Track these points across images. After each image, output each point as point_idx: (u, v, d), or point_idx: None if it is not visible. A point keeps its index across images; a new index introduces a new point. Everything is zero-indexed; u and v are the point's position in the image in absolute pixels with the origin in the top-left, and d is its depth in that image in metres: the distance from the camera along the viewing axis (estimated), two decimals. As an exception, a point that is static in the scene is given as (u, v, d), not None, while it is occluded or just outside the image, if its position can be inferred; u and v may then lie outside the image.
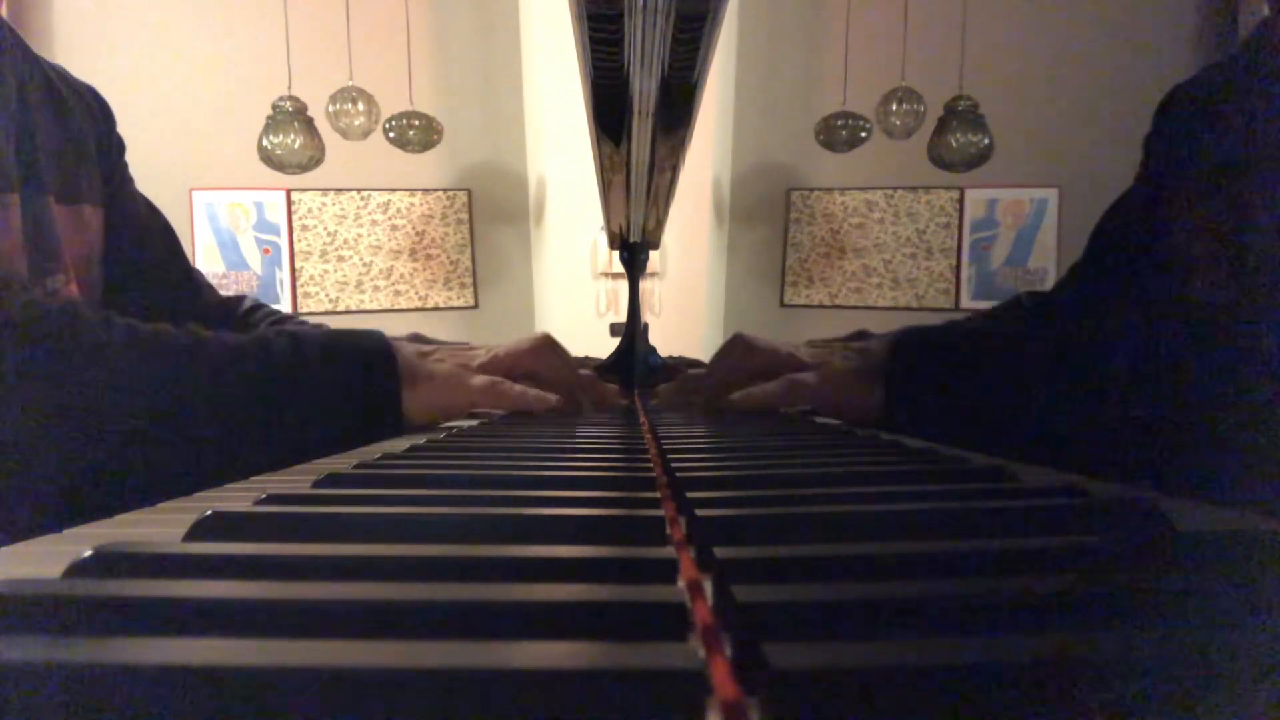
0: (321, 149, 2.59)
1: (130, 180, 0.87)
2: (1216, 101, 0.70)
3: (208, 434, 0.56)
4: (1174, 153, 0.74)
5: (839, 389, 0.66)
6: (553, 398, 0.69)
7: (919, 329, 0.66)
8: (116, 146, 0.85)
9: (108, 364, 0.54)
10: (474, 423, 0.69)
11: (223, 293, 0.97)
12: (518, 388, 0.67)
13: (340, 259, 3.17)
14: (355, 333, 0.65)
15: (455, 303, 3.23)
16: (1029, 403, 0.58)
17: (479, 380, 0.66)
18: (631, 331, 1.13)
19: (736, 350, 0.73)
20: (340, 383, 0.61)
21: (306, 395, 0.59)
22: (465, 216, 3.21)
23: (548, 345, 0.73)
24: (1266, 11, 0.66)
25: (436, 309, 3.21)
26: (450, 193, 3.20)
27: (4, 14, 0.74)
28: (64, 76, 0.80)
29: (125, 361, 0.55)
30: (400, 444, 0.52)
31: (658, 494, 0.30)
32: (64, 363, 0.53)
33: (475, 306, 3.24)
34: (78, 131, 0.77)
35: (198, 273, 0.94)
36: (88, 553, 0.20)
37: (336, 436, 0.59)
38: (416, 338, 0.82)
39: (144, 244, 0.86)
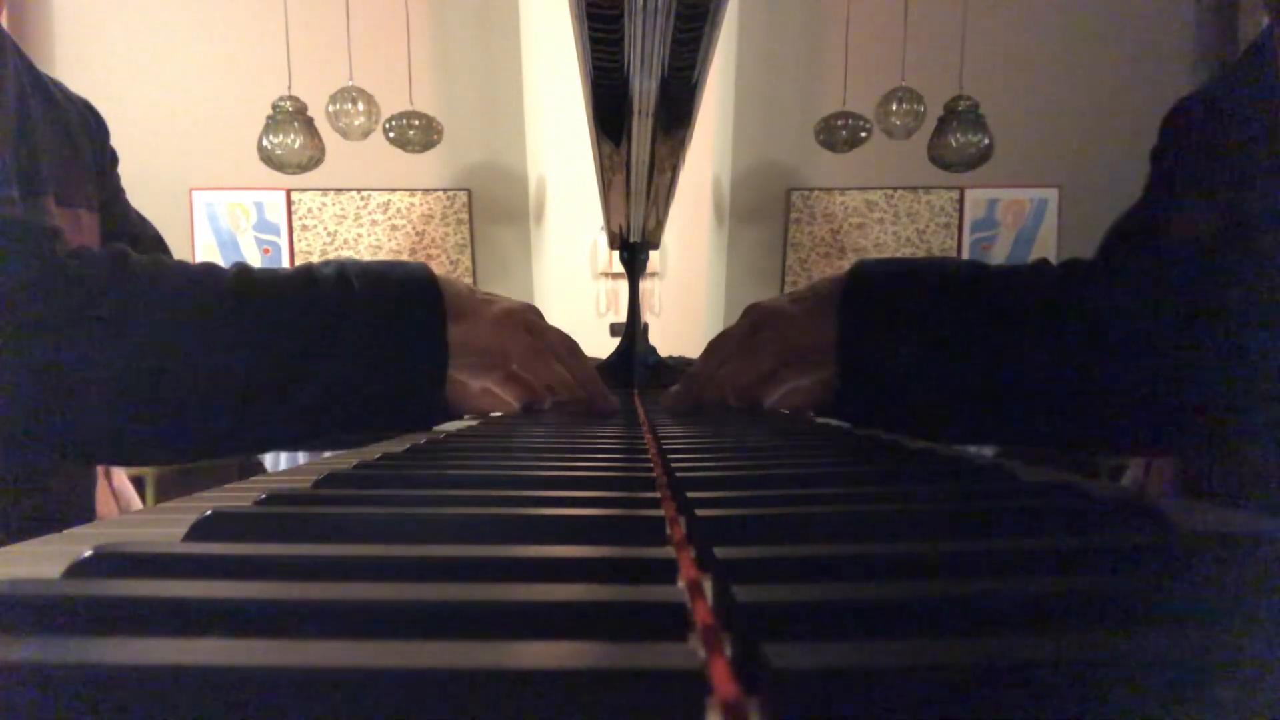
0: (321, 149, 2.59)
1: (123, 192, 0.88)
2: (1219, 113, 0.70)
3: (254, 365, 0.56)
4: (1179, 166, 0.74)
5: (795, 335, 0.64)
6: (581, 395, 0.69)
7: (873, 261, 0.64)
8: (110, 159, 0.86)
9: (161, 301, 0.55)
10: (475, 422, 0.69)
11: None
12: (560, 368, 0.67)
13: (340, 259, 3.17)
14: (401, 264, 0.64)
15: (455, 303, 3.22)
16: (985, 346, 0.56)
17: (526, 339, 0.65)
18: (631, 331, 1.14)
19: (715, 357, 0.71)
20: (386, 311, 0.60)
21: (352, 324, 0.59)
22: (465, 216, 3.21)
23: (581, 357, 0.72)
24: (1265, 19, 0.66)
25: (436, 309, 3.20)
26: (450, 193, 3.20)
27: (4, 16, 0.75)
28: (61, 88, 0.81)
29: (177, 298, 0.56)
30: (400, 444, 0.52)
31: (658, 494, 0.30)
32: (117, 302, 0.54)
33: (475, 306, 3.23)
34: (74, 140, 0.78)
35: None
36: (88, 553, 0.20)
37: (382, 369, 0.59)
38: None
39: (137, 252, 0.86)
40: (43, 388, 0.52)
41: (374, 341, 0.59)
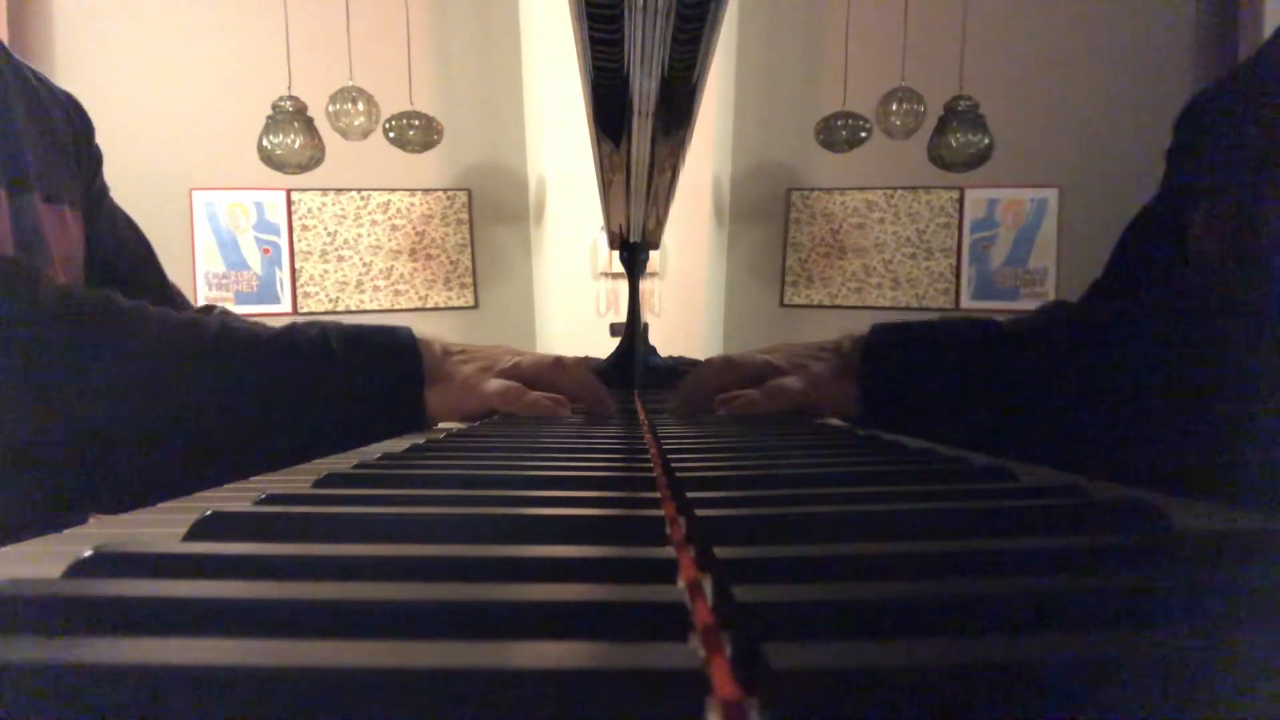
0: (321, 149, 2.59)
1: (108, 190, 0.86)
2: (1235, 109, 0.70)
3: (231, 422, 0.57)
4: (1194, 163, 0.74)
5: (819, 391, 0.68)
6: (565, 409, 0.69)
7: (889, 326, 0.67)
8: (95, 158, 0.84)
9: (139, 351, 0.55)
10: (477, 423, 0.69)
11: (223, 294, 0.97)
12: (531, 394, 0.67)
13: (340, 259, 3.17)
14: (383, 329, 0.66)
15: (455, 303, 3.22)
16: (999, 398, 0.59)
17: (495, 385, 0.67)
18: (631, 331, 1.13)
19: (714, 365, 0.74)
20: (364, 378, 0.62)
21: (331, 388, 0.60)
22: (465, 216, 3.21)
23: (574, 362, 0.73)
24: None
25: (436, 309, 3.20)
26: (450, 193, 3.20)
27: (4, 14, 0.74)
28: (45, 83, 0.79)
29: (156, 349, 0.56)
30: (400, 444, 0.52)
31: (658, 494, 0.30)
32: (97, 349, 0.54)
33: (475, 306, 3.24)
34: (57, 137, 0.77)
35: (173, 287, 0.93)
36: (88, 553, 0.20)
37: (358, 430, 0.60)
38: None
39: (122, 256, 0.85)
40: (27, 435, 0.53)
41: (353, 405, 0.61)
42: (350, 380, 0.61)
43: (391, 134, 2.71)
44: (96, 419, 0.54)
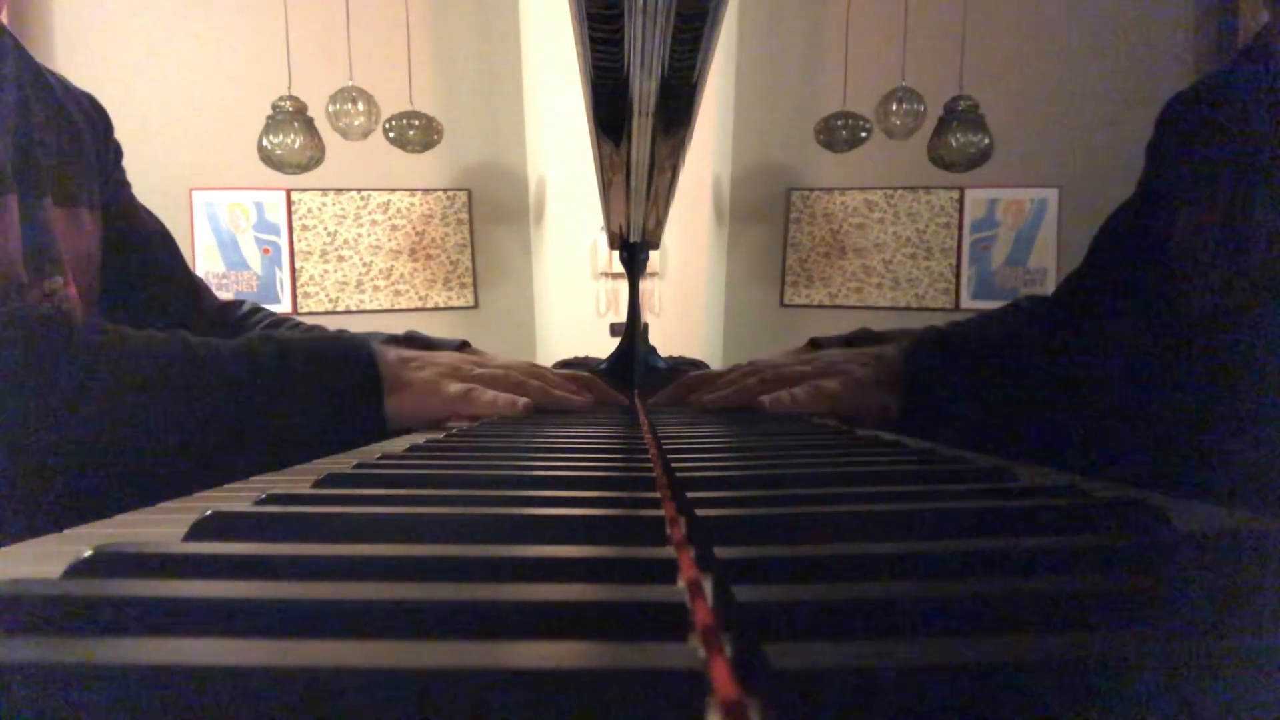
0: (321, 149, 2.59)
1: (128, 186, 0.87)
2: (1217, 109, 0.70)
3: (190, 443, 0.58)
4: (1176, 160, 0.74)
5: (860, 396, 0.68)
6: (521, 401, 0.70)
7: (932, 334, 0.68)
8: (114, 153, 0.85)
9: (94, 370, 0.55)
10: (471, 423, 0.69)
11: (222, 294, 0.97)
12: (489, 394, 0.68)
13: (340, 259, 3.17)
14: (341, 341, 0.67)
15: (455, 303, 3.22)
16: (1041, 410, 0.59)
17: (454, 388, 0.68)
18: (631, 331, 1.13)
19: (758, 382, 0.74)
20: (323, 391, 0.63)
21: (289, 402, 0.61)
22: (465, 216, 3.21)
23: (530, 371, 0.74)
24: (1266, 16, 0.66)
25: (436, 309, 3.20)
26: (450, 193, 3.20)
27: (4, 15, 0.74)
28: (63, 84, 0.80)
29: (110, 368, 0.56)
30: (400, 444, 0.52)
31: (658, 494, 0.30)
32: (49, 369, 0.54)
33: (475, 306, 3.23)
34: (76, 137, 0.78)
35: (197, 278, 0.94)
36: (88, 553, 0.20)
37: (319, 442, 0.60)
38: (411, 336, 0.85)
39: (143, 249, 0.86)
40: None
41: (315, 421, 0.62)
42: (308, 395, 0.62)
43: (391, 134, 2.71)
44: (46, 441, 0.53)
